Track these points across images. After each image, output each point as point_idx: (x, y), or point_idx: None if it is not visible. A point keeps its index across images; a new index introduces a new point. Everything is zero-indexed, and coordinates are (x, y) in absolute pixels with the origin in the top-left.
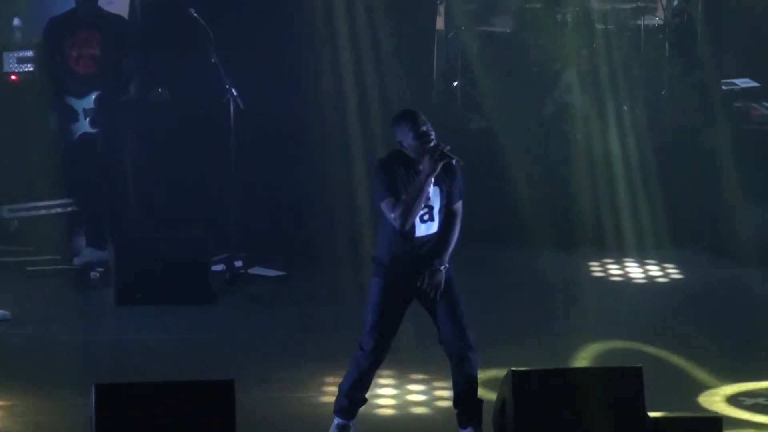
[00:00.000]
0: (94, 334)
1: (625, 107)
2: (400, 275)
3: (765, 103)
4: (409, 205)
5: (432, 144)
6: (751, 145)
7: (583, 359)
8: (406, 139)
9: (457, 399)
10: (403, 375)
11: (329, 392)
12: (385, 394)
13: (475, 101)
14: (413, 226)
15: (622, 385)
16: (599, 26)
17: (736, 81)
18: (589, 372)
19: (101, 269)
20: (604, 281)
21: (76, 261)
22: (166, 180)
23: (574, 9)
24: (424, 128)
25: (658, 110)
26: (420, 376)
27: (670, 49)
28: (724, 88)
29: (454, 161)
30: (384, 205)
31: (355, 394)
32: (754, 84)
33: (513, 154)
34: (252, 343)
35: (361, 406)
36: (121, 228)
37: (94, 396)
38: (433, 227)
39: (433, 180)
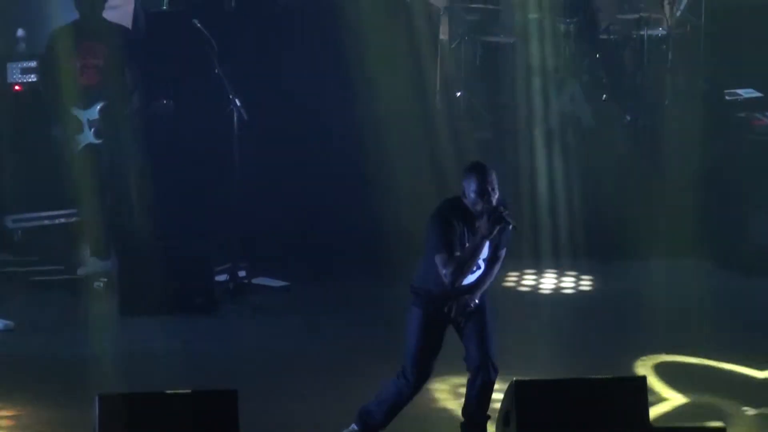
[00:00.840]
0: (98, 344)
1: (628, 117)
2: (438, 306)
3: None
4: (462, 265)
5: (491, 204)
6: (754, 155)
7: None
8: (469, 191)
9: (466, 407)
10: None
11: (331, 402)
12: None
13: (478, 110)
14: None
15: (626, 395)
16: (603, 37)
17: (739, 91)
18: (593, 382)
19: (105, 279)
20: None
21: (80, 271)
22: (170, 191)
23: (577, 19)
24: (489, 187)
25: (662, 120)
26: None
27: (673, 59)
28: (727, 98)
29: (510, 226)
30: (438, 259)
31: (385, 418)
32: (758, 94)
33: (515, 163)
34: (255, 352)
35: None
36: (124, 238)
37: (97, 406)
38: (477, 273)
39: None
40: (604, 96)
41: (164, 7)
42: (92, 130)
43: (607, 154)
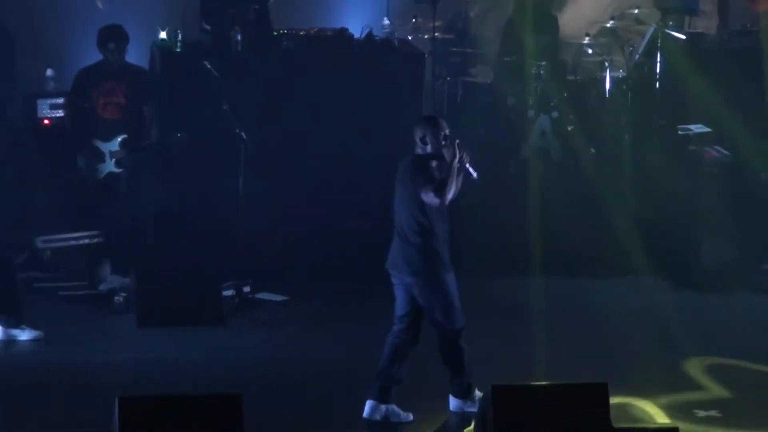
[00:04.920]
0: (118, 352)
1: (592, 150)
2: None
3: (716, 147)
4: (445, 183)
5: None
6: (705, 184)
7: None
8: (432, 136)
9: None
10: None
11: (330, 404)
12: None
13: (459, 143)
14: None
15: (590, 399)
16: (570, 78)
17: (690, 127)
18: (561, 387)
19: (124, 294)
20: None
21: (102, 287)
22: (182, 215)
23: (547, 62)
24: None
25: (622, 152)
26: None
27: (632, 98)
28: (680, 132)
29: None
30: (428, 190)
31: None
32: (707, 129)
33: (492, 192)
34: (258, 360)
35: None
36: (142, 257)
37: (117, 408)
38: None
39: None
40: (570, 127)
41: (177, 50)
42: (113, 160)
43: (574, 182)
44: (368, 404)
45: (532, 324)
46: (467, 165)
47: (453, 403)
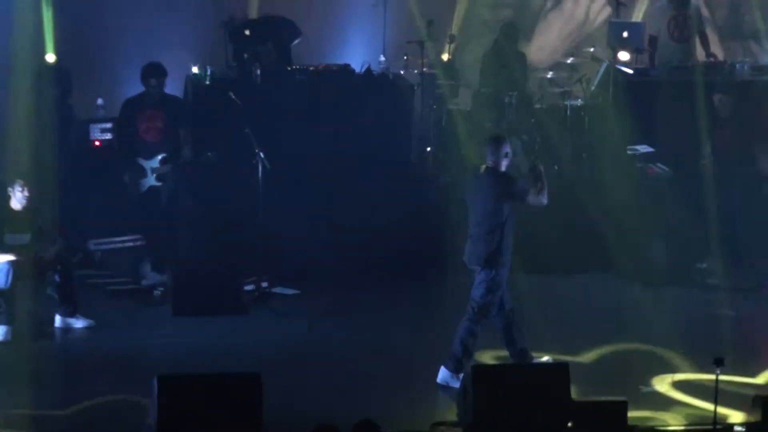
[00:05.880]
0: (156, 338)
1: (556, 167)
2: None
3: (658, 164)
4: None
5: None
6: (649, 195)
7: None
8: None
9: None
10: None
11: (337, 385)
12: None
13: (444, 162)
14: None
15: (553, 376)
16: (537, 106)
17: (637, 147)
18: (530, 367)
19: (162, 288)
20: None
21: (143, 282)
22: (211, 221)
23: (517, 93)
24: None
25: (581, 169)
26: None
27: (589, 123)
28: (628, 152)
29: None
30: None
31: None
32: (651, 149)
33: None
34: (275, 345)
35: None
36: (177, 257)
37: (156, 384)
38: None
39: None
40: (537, 148)
41: (207, 83)
42: (154, 175)
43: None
44: (444, 372)
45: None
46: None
47: (441, 373)
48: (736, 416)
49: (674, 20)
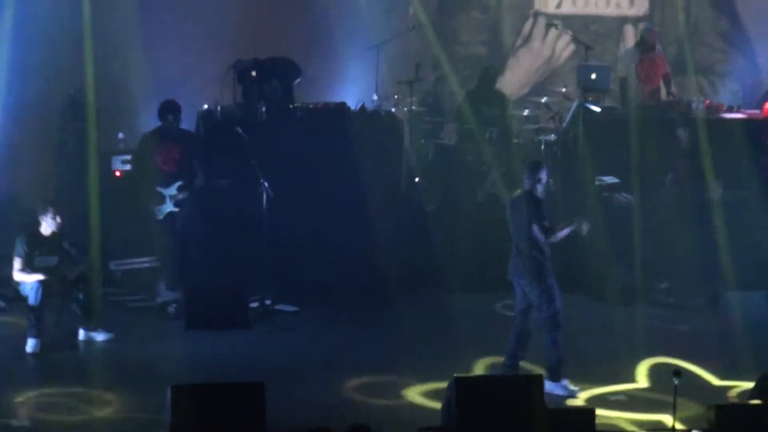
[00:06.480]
0: (170, 349)
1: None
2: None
3: (623, 193)
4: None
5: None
6: (615, 221)
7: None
8: (544, 177)
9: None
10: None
11: (333, 393)
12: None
13: (430, 191)
14: None
15: (529, 386)
16: (515, 141)
17: (604, 177)
18: (508, 378)
19: (176, 305)
20: None
21: (159, 299)
22: (220, 244)
23: (497, 128)
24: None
25: (554, 197)
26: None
27: (561, 156)
28: (596, 182)
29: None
30: (538, 228)
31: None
32: (616, 180)
33: (456, 228)
34: (277, 356)
35: None
36: (189, 277)
37: (170, 393)
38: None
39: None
40: (514, 178)
41: (217, 118)
42: (172, 202)
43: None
44: (547, 384)
45: (491, 325)
46: (582, 226)
47: (546, 384)
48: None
49: (641, 63)
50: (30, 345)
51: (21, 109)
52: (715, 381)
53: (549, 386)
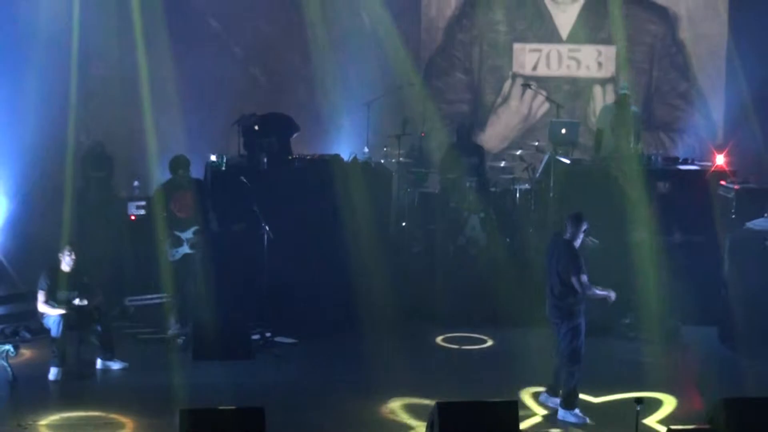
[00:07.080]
0: (180, 378)
1: (508, 240)
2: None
3: (590, 237)
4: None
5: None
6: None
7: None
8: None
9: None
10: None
11: (328, 413)
12: None
13: (416, 235)
14: None
15: (504, 411)
16: (492, 189)
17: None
18: (486, 403)
19: (184, 337)
20: None
21: (169, 332)
22: (226, 282)
23: (476, 178)
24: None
25: (527, 241)
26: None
27: (534, 203)
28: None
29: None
30: (576, 280)
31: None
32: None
33: (439, 268)
34: (276, 384)
35: None
36: (197, 312)
37: (178, 418)
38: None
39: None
40: (492, 224)
41: (223, 168)
42: (188, 245)
43: (495, 261)
44: (561, 412)
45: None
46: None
47: (559, 412)
48: None
49: (616, 118)
50: (53, 373)
51: (39, 156)
52: (670, 406)
53: (562, 414)
